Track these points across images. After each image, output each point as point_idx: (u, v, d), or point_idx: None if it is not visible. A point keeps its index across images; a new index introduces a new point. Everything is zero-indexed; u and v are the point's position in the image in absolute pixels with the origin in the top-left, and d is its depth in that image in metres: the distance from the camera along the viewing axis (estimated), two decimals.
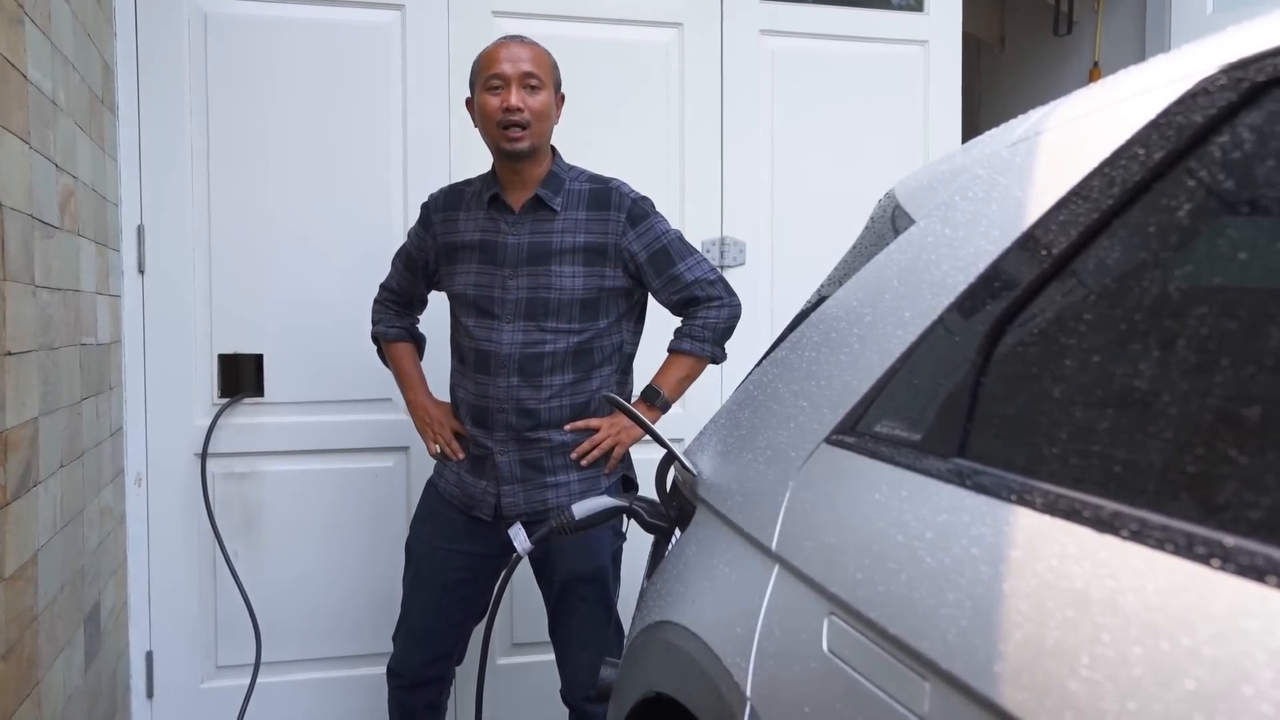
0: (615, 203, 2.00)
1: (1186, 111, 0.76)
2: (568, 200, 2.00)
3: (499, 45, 1.97)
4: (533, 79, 1.94)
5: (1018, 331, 0.87)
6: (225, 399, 2.54)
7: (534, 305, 1.97)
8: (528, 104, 1.92)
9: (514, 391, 1.98)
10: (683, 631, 1.24)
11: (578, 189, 2.02)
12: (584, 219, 1.99)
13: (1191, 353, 0.68)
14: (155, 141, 2.46)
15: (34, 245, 1.62)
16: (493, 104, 1.93)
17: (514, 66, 1.93)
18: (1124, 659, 0.60)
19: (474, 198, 2.06)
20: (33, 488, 1.60)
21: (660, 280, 2.01)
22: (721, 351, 2.07)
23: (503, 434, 2.00)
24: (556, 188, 2.00)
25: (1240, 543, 0.58)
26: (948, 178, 1.12)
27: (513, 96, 1.91)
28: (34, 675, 1.60)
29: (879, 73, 2.93)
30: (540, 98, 1.95)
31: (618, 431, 2.03)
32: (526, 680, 2.69)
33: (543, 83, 1.95)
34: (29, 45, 1.61)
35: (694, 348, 2.04)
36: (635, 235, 2.00)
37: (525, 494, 2.02)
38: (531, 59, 1.95)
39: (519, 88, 1.92)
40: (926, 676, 0.77)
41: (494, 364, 1.98)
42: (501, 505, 2.03)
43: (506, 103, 1.91)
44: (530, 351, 1.97)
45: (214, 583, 2.55)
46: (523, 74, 1.93)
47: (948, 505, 0.83)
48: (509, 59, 1.94)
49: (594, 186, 2.03)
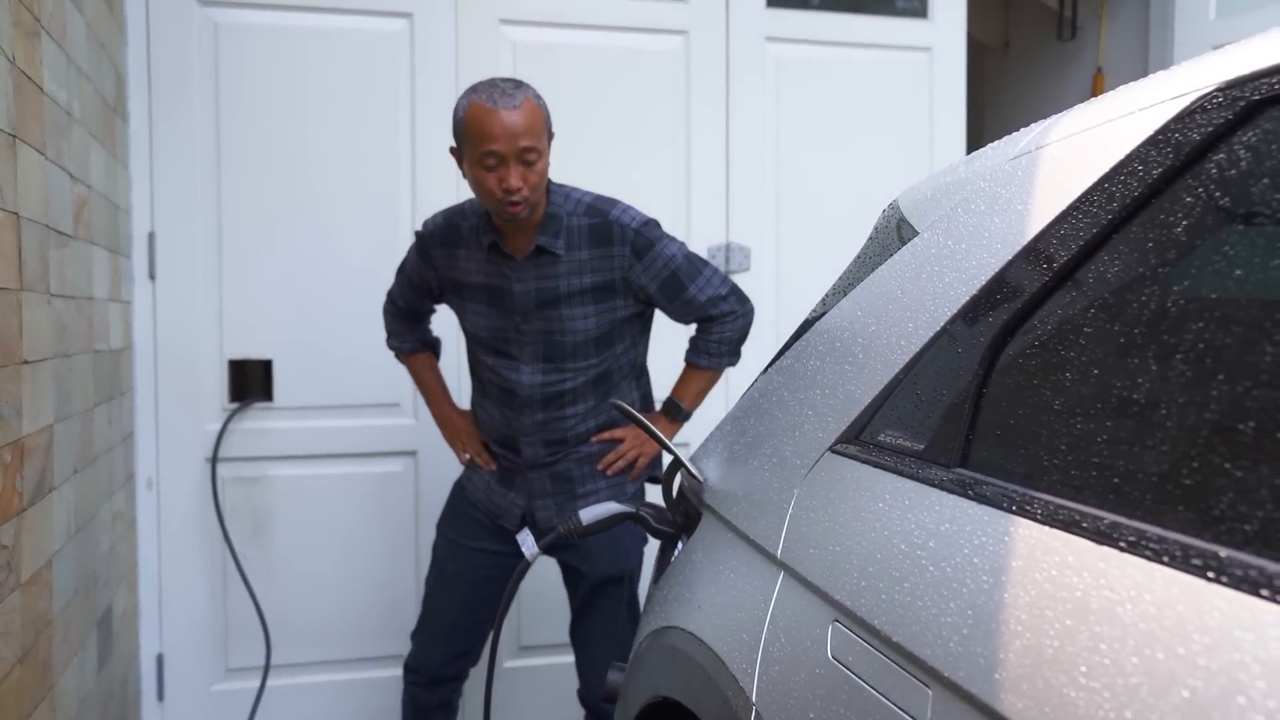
0: (618, 236, 1.92)
1: (1184, 128, 0.78)
2: (569, 240, 1.91)
3: (490, 116, 1.76)
4: (530, 153, 1.79)
5: (1019, 343, 0.89)
6: (235, 404, 2.56)
7: (550, 348, 1.97)
8: (526, 179, 1.79)
9: (538, 425, 2.02)
10: (689, 637, 1.26)
11: (577, 225, 1.92)
12: (588, 258, 1.92)
13: (1187, 366, 0.69)
14: (166, 149, 2.49)
15: (49, 254, 1.64)
16: (490, 181, 1.80)
17: (510, 144, 1.76)
18: (1121, 668, 0.61)
19: (472, 236, 1.96)
20: (48, 493, 1.62)
21: (674, 305, 1.99)
22: (736, 359, 2.10)
23: (531, 454, 2.05)
24: (556, 230, 1.90)
25: (1235, 555, 0.59)
26: (951, 189, 1.13)
27: (512, 179, 1.78)
28: (49, 679, 1.62)
29: (883, 79, 2.95)
30: (538, 167, 1.81)
31: (641, 442, 2.06)
32: (534, 683, 2.71)
33: (540, 151, 1.81)
34: (45, 58, 1.63)
35: (710, 363, 2.06)
36: (643, 268, 1.93)
37: (557, 506, 2.06)
38: (526, 129, 1.77)
39: (516, 164, 1.78)
40: (929, 684, 0.78)
41: (517, 401, 2.00)
42: (537, 520, 2.06)
43: (506, 184, 1.78)
44: (551, 390, 1.99)
45: (224, 586, 2.57)
46: (520, 150, 1.77)
47: (950, 515, 0.84)
48: (504, 135, 1.76)
49: (593, 221, 1.92)
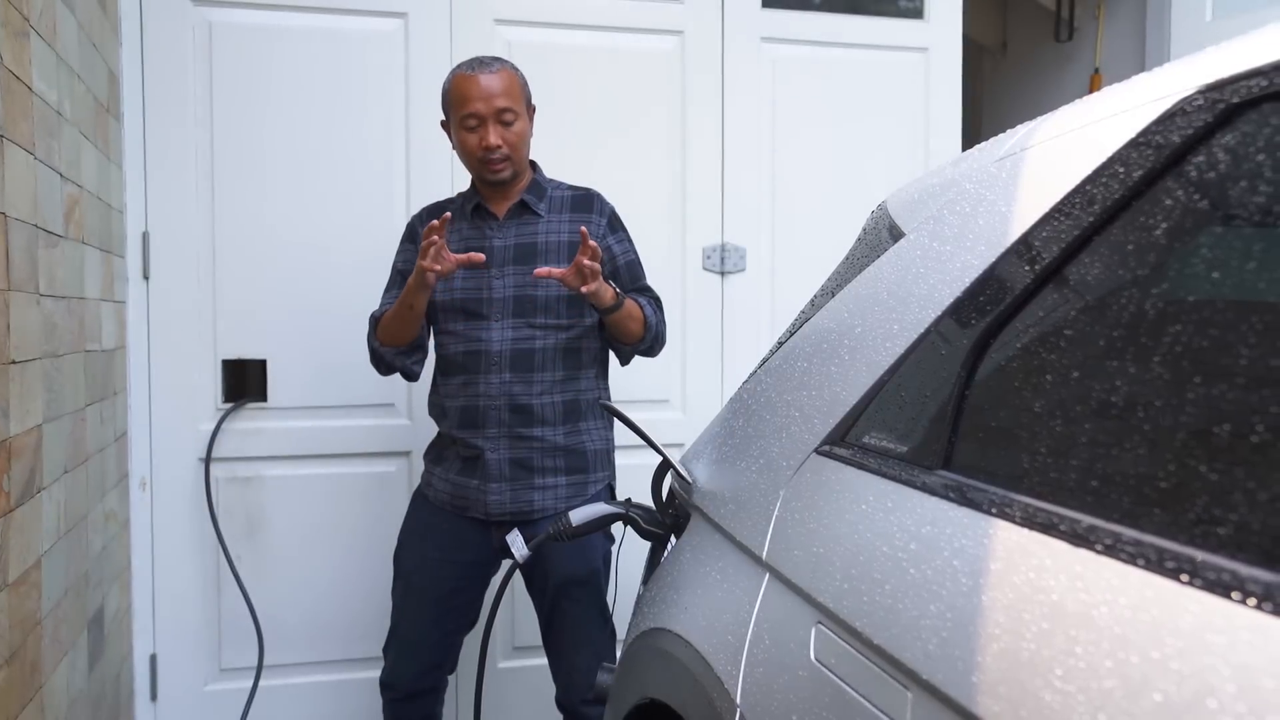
0: (597, 207, 2.10)
1: (1165, 131, 0.78)
2: (551, 205, 2.08)
3: (469, 80, 1.97)
4: (507, 113, 1.97)
5: (1000, 345, 0.89)
6: (229, 404, 2.55)
7: (521, 303, 2.01)
8: (505, 138, 1.97)
9: (506, 387, 2.00)
10: (676, 639, 1.26)
11: (560, 195, 2.10)
12: (568, 220, 2.07)
13: (1165, 368, 0.69)
14: (160, 148, 2.49)
15: (38, 254, 1.64)
16: (471, 142, 1.98)
17: (488, 104, 1.95)
18: (1095, 671, 0.61)
19: (458, 212, 2.10)
20: (37, 494, 1.62)
21: (634, 289, 2.10)
22: (649, 340, 2.07)
23: (494, 431, 2.01)
24: (539, 195, 2.08)
25: (1208, 558, 0.59)
26: (937, 191, 1.13)
27: (490, 135, 1.96)
28: (37, 680, 1.62)
29: (880, 80, 2.95)
30: (516, 128, 1.99)
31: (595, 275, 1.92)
32: (527, 683, 2.70)
33: (517, 113, 1.99)
34: (34, 57, 1.63)
35: (648, 313, 2.06)
36: (615, 240, 2.10)
37: (512, 493, 2.02)
38: (503, 91, 1.97)
39: (495, 124, 1.97)
40: (909, 686, 0.78)
41: (485, 362, 2.00)
42: (488, 504, 2.03)
43: (485, 142, 1.96)
44: (521, 348, 2.00)
45: (217, 586, 2.57)
46: (497, 110, 1.96)
47: (931, 517, 0.84)
48: (481, 96, 1.95)
49: (575, 193, 2.12)
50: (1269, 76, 0.69)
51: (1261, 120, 0.69)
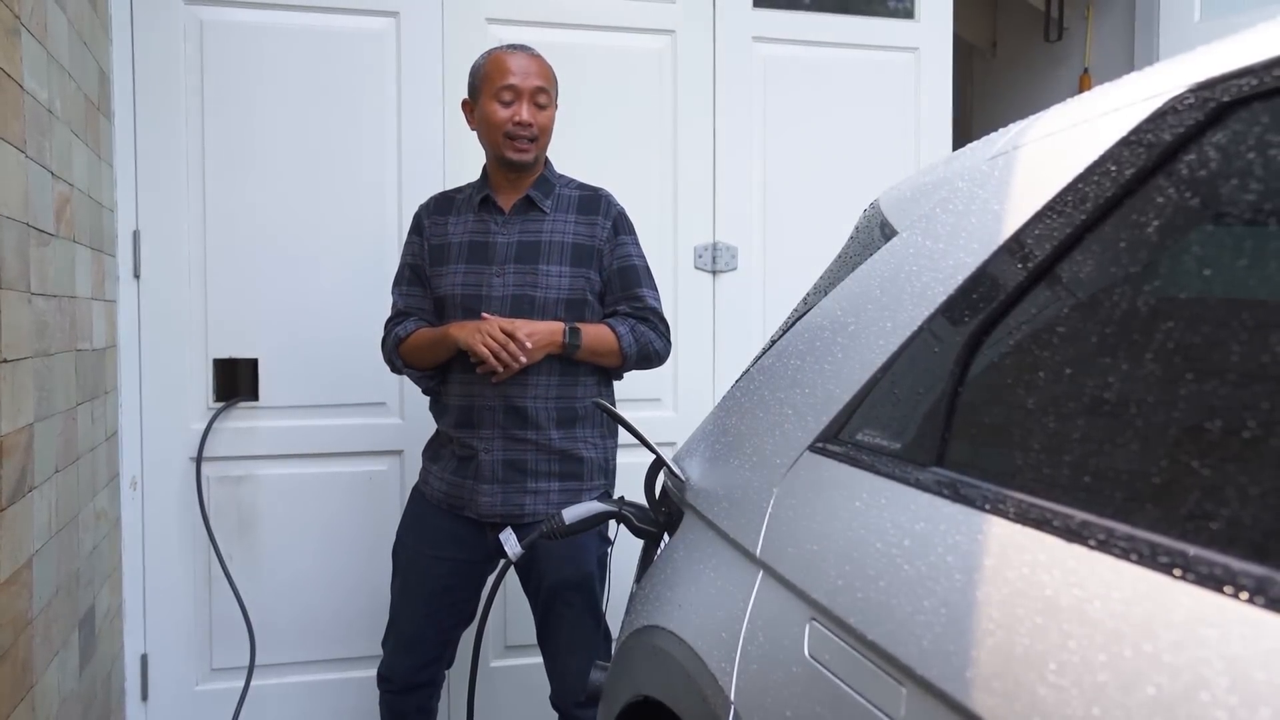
0: (604, 210, 2.06)
1: (1156, 130, 0.78)
2: (557, 203, 2.06)
3: (509, 55, 1.99)
4: (542, 95, 1.99)
5: (993, 342, 0.89)
6: (220, 403, 2.55)
7: (519, 303, 1.99)
8: (537, 120, 1.98)
9: (502, 388, 1.98)
10: (669, 636, 1.26)
11: (568, 194, 2.08)
12: (573, 221, 2.04)
13: (1156, 365, 0.69)
14: (151, 147, 2.48)
15: (29, 253, 1.63)
16: (502, 115, 1.97)
17: (526, 81, 1.97)
18: (1089, 665, 0.61)
19: (465, 202, 2.09)
20: (28, 493, 1.61)
21: (624, 294, 2.05)
22: (632, 364, 2.05)
23: (489, 431, 2.01)
24: (547, 191, 2.06)
25: (1201, 553, 0.60)
26: (929, 189, 1.14)
27: (524, 111, 1.96)
28: (28, 679, 1.61)
29: (871, 79, 2.95)
30: (547, 114, 2.01)
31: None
32: (520, 682, 2.70)
33: (550, 100, 2.02)
34: (25, 55, 1.62)
35: (624, 337, 2.01)
36: (616, 244, 2.06)
37: (504, 495, 2.01)
38: (541, 74, 2.00)
39: (530, 103, 1.98)
40: (903, 681, 0.79)
41: None
42: (479, 504, 2.02)
43: (518, 116, 1.96)
44: None
45: (209, 586, 2.56)
46: (534, 89, 1.98)
47: (925, 514, 0.85)
48: (521, 72, 1.97)
49: (584, 193, 2.09)
50: (1260, 75, 0.70)
51: (1252, 119, 0.70)
